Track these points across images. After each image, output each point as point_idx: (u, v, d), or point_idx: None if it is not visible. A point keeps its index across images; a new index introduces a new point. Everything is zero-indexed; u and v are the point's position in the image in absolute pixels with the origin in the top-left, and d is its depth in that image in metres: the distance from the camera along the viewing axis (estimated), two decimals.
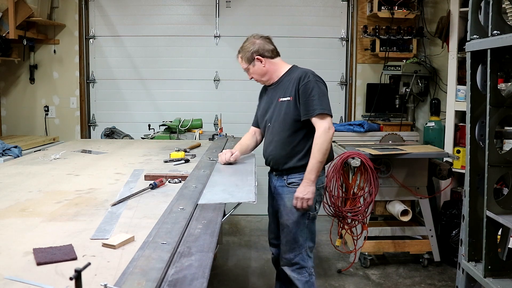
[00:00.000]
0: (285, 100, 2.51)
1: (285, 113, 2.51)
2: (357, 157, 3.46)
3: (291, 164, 2.53)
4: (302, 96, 2.44)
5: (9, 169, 2.60)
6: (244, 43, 2.61)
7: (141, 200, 1.95)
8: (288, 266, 2.59)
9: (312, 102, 2.42)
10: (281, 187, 2.59)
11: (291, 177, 2.55)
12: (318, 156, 2.41)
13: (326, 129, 2.41)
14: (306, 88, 2.44)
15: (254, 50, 2.55)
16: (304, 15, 5.00)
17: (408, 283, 3.49)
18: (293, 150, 2.52)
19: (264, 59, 2.55)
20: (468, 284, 2.13)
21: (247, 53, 2.56)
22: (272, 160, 2.60)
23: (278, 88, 2.59)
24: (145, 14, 4.96)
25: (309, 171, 2.44)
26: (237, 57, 2.63)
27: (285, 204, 2.56)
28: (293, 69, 2.60)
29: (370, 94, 4.89)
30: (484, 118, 1.94)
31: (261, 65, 2.56)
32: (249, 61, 2.57)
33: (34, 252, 1.32)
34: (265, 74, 2.59)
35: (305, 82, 2.45)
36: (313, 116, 2.42)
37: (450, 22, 4.03)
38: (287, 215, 2.55)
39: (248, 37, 2.62)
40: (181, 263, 1.23)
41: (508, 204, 1.88)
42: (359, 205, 3.51)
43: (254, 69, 2.58)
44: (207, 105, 4.98)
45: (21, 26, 4.32)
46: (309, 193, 2.45)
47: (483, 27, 1.94)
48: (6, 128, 4.98)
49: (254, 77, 2.64)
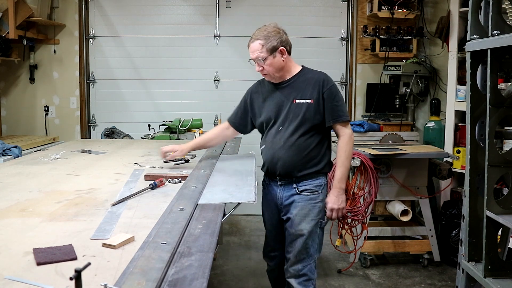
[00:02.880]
0: (304, 102, 2.35)
1: (304, 115, 2.35)
2: (357, 157, 3.46)
3: (305, 171, 2.39)
4: (328, 101, 2.34)
5: (9, 169, 2.60)
6: (267, 30, 2.34)
7: (141, 200, 1.95)
8: (295, 278, 2.43)
9: (337, 108, 2.35)
10: (291, 196, 2.42)
11: (303, 184, 2.40)
12: (347, 164, 2.37)
13: (351, 136, 2.39)
14: (332, 93, 2.35)
15: (282, 40, 2.33)
16: (304, 15, 5.00)
17: (408, 283, 3.49)
18: (308, 155, 2.37)
19: (286, 53, 2.37)
20: (468, 284, 2.13)
21: (273, 42, 2.31)
22: (283, 167, 2.39)
23: (291, 88, 2.40)
24: (145, 14, 4.96)
25: (339, 180, 2.37)
26: (252, 43, 2.35)
27: (298, 213, 2.39)
28: (306, 70, 2.46)
29: (370, 94, 4.89)
30: (484, 118, 1.94)
31: (282, 58, 2.35)
32: (272, 51, 2.32)
33: (34, 252, 1.32)
34: (280, 69, 2.38)
35: (329, 86, 2.36)
36: (338, 122, 2.37)
37: (450, 22, 4.03)
38: (301, 225, 2.38)
39: (268, 25, 2.37)
40: (181, 263, 1.23)
41: (508, 204, 1.88)
42: (359, 205, 3.51)
43: (273, 61, 2.33)
44: (207, 105, 4.98)
45: (21, 26, 4.32)
46: (343, 202, 2.39)
47: (483, 27, 1.94)
48: (6, 128, 4.98)
49: (266, 70, 2.36)
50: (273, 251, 2.63)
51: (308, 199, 2.39)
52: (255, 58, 2.35)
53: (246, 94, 2.61)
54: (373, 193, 3.47)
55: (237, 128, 2.64)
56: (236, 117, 2.63)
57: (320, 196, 2.42)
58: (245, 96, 2.60)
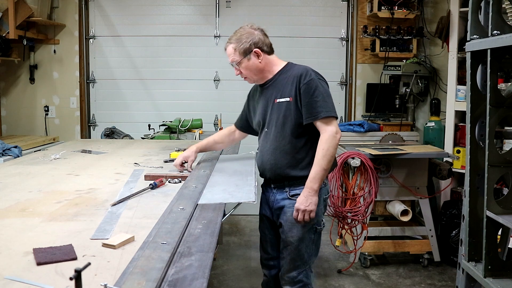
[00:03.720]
0: (284, 101, 2.22)
1: (284, 115, 2.21)
2: (357, 157, 3.46)
3: (293, 174, 2.24)
4: (304, 97, 2.17)
5: (9, 169, 2.59)
6: (240, 32, 2.27)
7: (141, 200, 1.95)
8: (291, 285, 2.32)
9: (315, 103, 2.15)
10: (282, 200, 2.29)
11: (294, 189, 2.26)
12: (323, 163, 2.14)
13: (333, 134, 2.14)
14: (309, 88, 2.16)
15: (254, 41, 2.23)
16: (304, 15, 5.01)
17: (408, 283, 3.49)
18: (295, 158, 2.23)
19: (262, 54, 2.25)
20: (468, 284, 2.13)
21: (245, 44, 2.23)
22: (270, 171, 2.29)
23: (273, 88, 2.29)
24: (145, 14, 4.96)
25: (311, 179, 2.16)
26: (227, 47, 2.29)
27: (288, 219, 2.26)
28: (290, 66, 2.31)
29: (370, 94, 4.89)
30: (484, 118, 1.94)
31: (258, 60, 2.25)
32: (245, 54, 2.24)
33: (34, 252, 1.32)
34: (259, 72, 2.28)
35: (306, 80, 2.17)
36: (317, 120, 2.16)
37: (450, 22, 4.03)
38: (291, 231, 2.25)
39: (243, 26, 2.30)
40: (181, 263, 1.23)
41: (508, 204, 1.88)
42: (359, 205, 3.51)
43: (248, 64, 2.26)
44: (207, 105, 4.98)
45: (21, 26, 4.32)
46: (312, 204, 2.17)
47: (483, 27, 1.94)
48: (6, 128, 4.98)
49: (244, 74, 2.31)
50: (271, 259, 2.48)
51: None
52: (231, 62, 2.30)
53: (247, 96, 2.56)
54: (373, 193, 3.47)
55: (245, 131, 2.58)
56: (242, 121, 2.57)
57: None
58: (246, 100, 2.56)
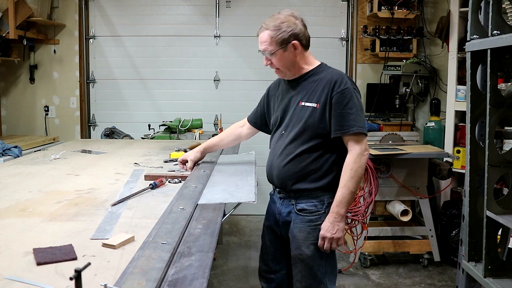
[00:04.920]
0: (310, 106, 2.00)
1: (306, 122, 2.00)
2: None
3: (302, 186, 2.04)
4: (336, 107, 1.95)
5: (9, 169, 2.59)
6: (279, 19, 2.00)
7: (141, 200, 1.95)
8: None
9: (348, 116, 1.94)
10: (288, 213, 2.10)
11: (301, 202, 2.06)
12: (350, 185, 1.94)
13: (362, 152, 1.95)
14: (343, 97, 1.95)
15: (295, 32, 1.99)
16: (304, 15, 4.88)
17: (408, 283, 3.49)
18: (307, 168, 2.02)
19: (300, 48, 2.02)
20: (468, 284, 2.13)
21: (283, 34, 1.97)
22: (278, 177, 2.09)
23: (301, 88, 2.07)
24: (145, 14, 4.96)
25: (338, 203, 1.96)
26: (261, 32, 2.02)
27: (295, 235, 2.07)
28: (323, 68, 2.08)
29: (370, 94, 4.89)
30: (484, 118, 1.94)
31: (294, 53, 2.01)
32: (281, 44, 1.98)
33: (34, 252, 1.32)
34: (292, 66, 2.04)
35: (341, 89, 1.96)
36: (347, 134, 1.95)
37: (450, 22, 4.03)
38: (299, 249, 2.06)
39: (283, 12, 2.04)
40: (181, 263, 1.23)
41: (508, 204, 1.89)
42: (359, 205, 3.51)
43: (283, 56, 2.01)
44: (207, 105, 4.98)
45: (21, 26, 4.32)
46: (339, 231, 1.98)
47: (483, 27, 1.94)
48: (6, 128, 4.98)
49: (276, 65, 2.05)
50: (271, 272, 2.28)
51: (307, 221, 2.05)
52: (263, 50, 2.03)
53: (266, 90, 2.33)
54: (373, 193, 3.47)
55: (259, 128, 2.37)
56: (256, 115, 2.36)
57: (322, 217, 2.04)
58: (264, 94, 2.33)
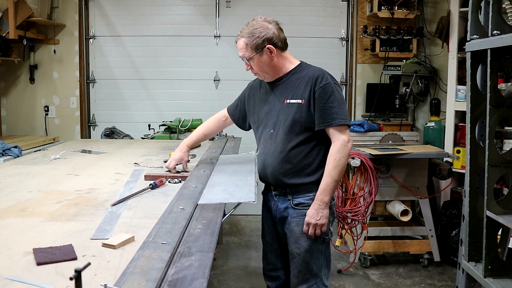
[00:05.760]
0: (295, 103, 2.11)
1: (294, 118, 2.10)
2: (357, 157, 3.46)
3: (298, 181, 2.13)
4: (318, 101, 2.06)
5: (9, 169, 2.59)
6: (252, 26, 2.11)
7: (141, 200, 1.95)
8: None
9: (330, 109, 2.05)
10: (285, 209, 2.19)
11: (298, 196, 2.16)
12: (334, 174, 2.04)
13: (345, 143, 2.05)
14: (324, 92, 2.06)
15: (268, 37, 2.08)
16: (304, 15, 5.01)
17: (408, 283, 3.49)
18: (300, 163, 2.12)
19: (276, 50, 2.11)
20: (468, 284, 2.13)
21: (257, 39, 2.07)
22: (273, 175, 2.18)
23: (284, 87, 2.16)
24: (145, 14, 4.96)
25: (322, 191, 2.06)
26: (238, 40, 2.14)
27: (293, 229, 2.16)
28: (304, 66, 2.19)
29: (370, 94, 4.89)
30: (484, 118, 1.94)
31: (270, 56, 2.11)
32: (257, 49, 2.09)
33: (34, 252, 1.32)
34: (271, 69, 2.15)
35: (323, 84, 2.07)
36: (331, 127, 2.06)
37: (450, 22, 4.04)
38: (297, 243, 2.15)
39: (256, 18, 2.14)
40: (181, 263, 1.23)
41: (508, 204, 1.88)
42: (359, 205, 3.51)
43: (260, 60, 2.11)
44: (207, 105, 4.97)
45: (21, 26, 4.31)
46: (323, 218, 2.07)
47: (483, 27, 1.94)
48: (6, 128, 4.97)
49: (255, 70, 2.17)
50: (275, 270, 2.35)
51: (304, 215, 2.12)
52: (241, 56, 2.16)
53: (246, 88, 2.43)
54: (373, 193, 3.47)
55: (236, 122, 2.48)
56: (236, 110, 2.46)
57: None
58: (245, 90, 2.43)
